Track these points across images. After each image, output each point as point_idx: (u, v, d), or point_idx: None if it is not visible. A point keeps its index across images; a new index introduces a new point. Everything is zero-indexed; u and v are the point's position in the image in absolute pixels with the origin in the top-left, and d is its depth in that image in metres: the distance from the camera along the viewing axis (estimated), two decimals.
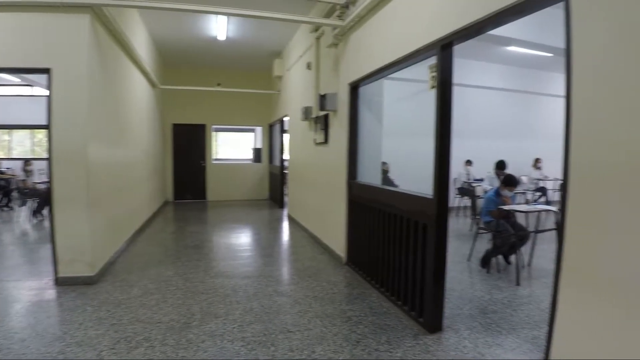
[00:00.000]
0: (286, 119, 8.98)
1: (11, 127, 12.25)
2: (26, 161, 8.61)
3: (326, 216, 5.65)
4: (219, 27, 7.20)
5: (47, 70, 3.81)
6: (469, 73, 9.17)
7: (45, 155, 4.39)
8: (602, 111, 1.69)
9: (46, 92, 3.87)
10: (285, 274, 4.63)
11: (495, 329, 3.10)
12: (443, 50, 2.92)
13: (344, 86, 4.81)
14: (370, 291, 3.95)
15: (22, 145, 12.82)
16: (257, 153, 11.80)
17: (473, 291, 3.97)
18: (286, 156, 9.28)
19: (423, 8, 3.15)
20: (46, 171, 4.11)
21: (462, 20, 2.61)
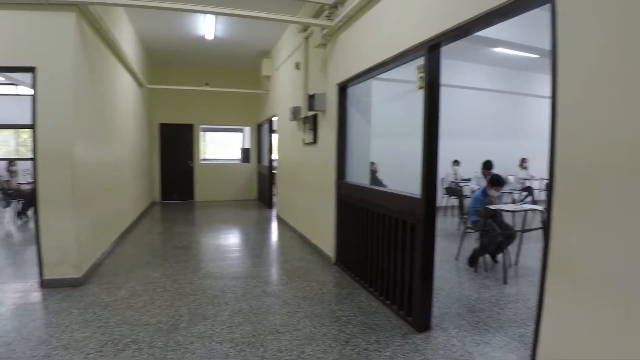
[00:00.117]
0: (275, 119, 8.95)
1: None
2: (10, 161, 8.41)
3: (315, 216, 5.66)
4: (207, 27, 7.14)
5: (32, 69, 3.75)
6: (457, 74, 9.27)
7: (30, 155, 4.31)
8: (588, 112, 1.72)
9: (31, 91, 3.81)
10: (274, 275, 4.62)
11: (482, 327, 3.14)
12: (431, 51, 2.95)
13: (333, 86, 4.81)
14: (359, 291, 3.97)
15: (7, 145, 12.59)
16: (246, 153, 11.75)
17: (461, 290, 4.01)
18: (275, 156, 9.25)
19: (411, 9, 3.17)
20: (31, 172, 4.04)
21: (450, 21, 2.64)
